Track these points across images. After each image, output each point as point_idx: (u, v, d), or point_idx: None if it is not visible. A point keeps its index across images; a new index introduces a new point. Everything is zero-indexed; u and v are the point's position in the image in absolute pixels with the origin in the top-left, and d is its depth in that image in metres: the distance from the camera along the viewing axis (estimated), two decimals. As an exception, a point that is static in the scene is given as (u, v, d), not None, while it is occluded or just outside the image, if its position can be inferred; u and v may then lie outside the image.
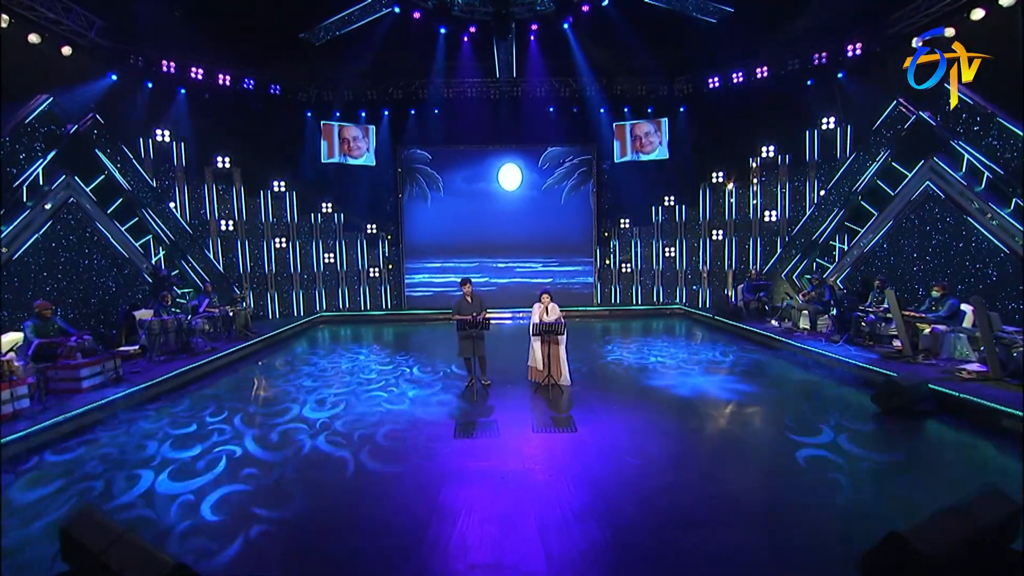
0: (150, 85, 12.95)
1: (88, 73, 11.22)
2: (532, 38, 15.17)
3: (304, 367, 9.43)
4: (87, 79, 11.17)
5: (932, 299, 7.90)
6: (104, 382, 7.03)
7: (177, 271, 12.10)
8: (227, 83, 14.38)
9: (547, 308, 7.70)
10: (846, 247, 11.41)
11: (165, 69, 13.23)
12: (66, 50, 10.39)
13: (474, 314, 7.33)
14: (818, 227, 12.21)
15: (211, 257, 13.46)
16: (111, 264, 10.40)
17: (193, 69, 13.72)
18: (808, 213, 12.88)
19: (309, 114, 15.73)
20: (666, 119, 15.86)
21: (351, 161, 15.96)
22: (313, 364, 9.68)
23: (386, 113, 16.14)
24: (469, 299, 7.72)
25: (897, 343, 8.31)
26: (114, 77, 12.07)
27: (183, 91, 13.57)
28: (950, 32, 10.25)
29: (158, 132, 12.85)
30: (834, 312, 9.90)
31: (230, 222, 14.17)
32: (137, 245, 11.12)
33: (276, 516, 4.10)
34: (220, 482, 4.70)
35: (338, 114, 15.79)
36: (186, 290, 12.18)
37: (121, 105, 12.07)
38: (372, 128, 16.05)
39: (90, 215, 9.95)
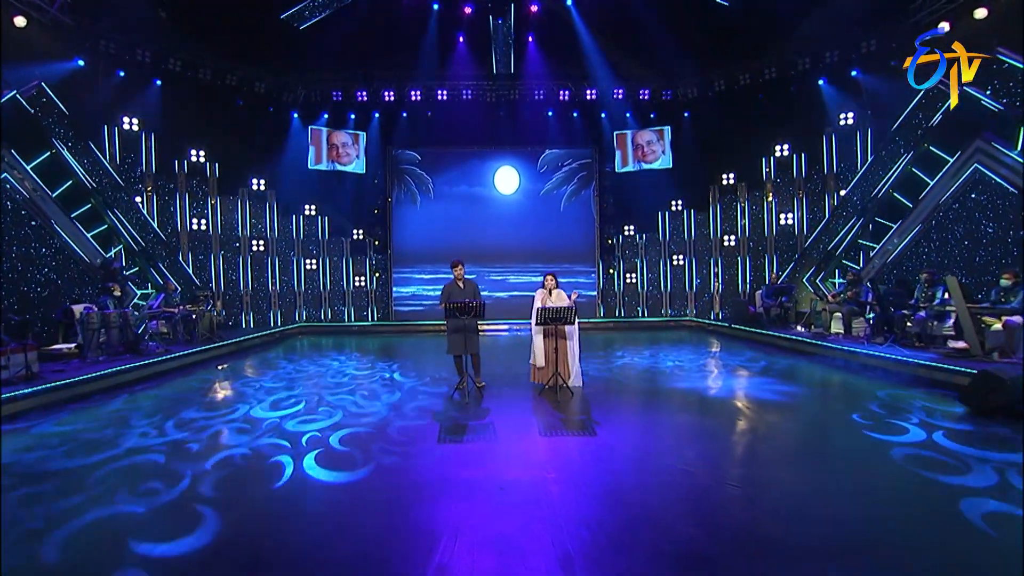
0: (121, 73, 12.01)
1: (48, 52, 10.24)
2: (531, 38, 14.55)
3: (269, 370, 8.13)
4: (46, 58, 10.18)
5: (1000, 289, 6.80)
6: (9, 379, 5.71)
7: (137, 267, 10.85)
8: (207, 77, 13.53)
9: (551, 293, 6.53)
10: (877, 245, 10.37)
11: (140, 57, 12.36)
12: (19, 21, 9.43)
13: (467, 300, 6.13)
14: (843, 226, 11.23)
15: (180, 260, 12.23)
16: (54, 254, 9.15)
17: (171, 60, 12.88)
18: (831, 212, 11.94)
19: (295, 115, 14.85)
20: (668, 127, 15.15)
21: (339, 168, 15.02)
22: (280, 367, 8.39)
23: (376, 115, 15.26)
24: (461, 284, 6.55)
25: (958, 343, 7.15)
26: (81, 63, 11.16)
27: (159, 82, 12.64)
28: (981, 13, 9.59)
29: (125, 120, 11.81)
30: (872, 314, 8.80)
31: (203, 221, 13.00)
32: (89, 236, 9.88)
33: (171, 551, 2.80)
34: (85, 510, 3.36)
35: (326, 116, 14.94)
36: (147, 291, 10.92)
37: (86, 90, 11.10)
38: (362, 134, 15.16)
39: (29, 196, 8.74)
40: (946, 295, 7.52)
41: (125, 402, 6.03)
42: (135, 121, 11.94)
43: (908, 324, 8.12)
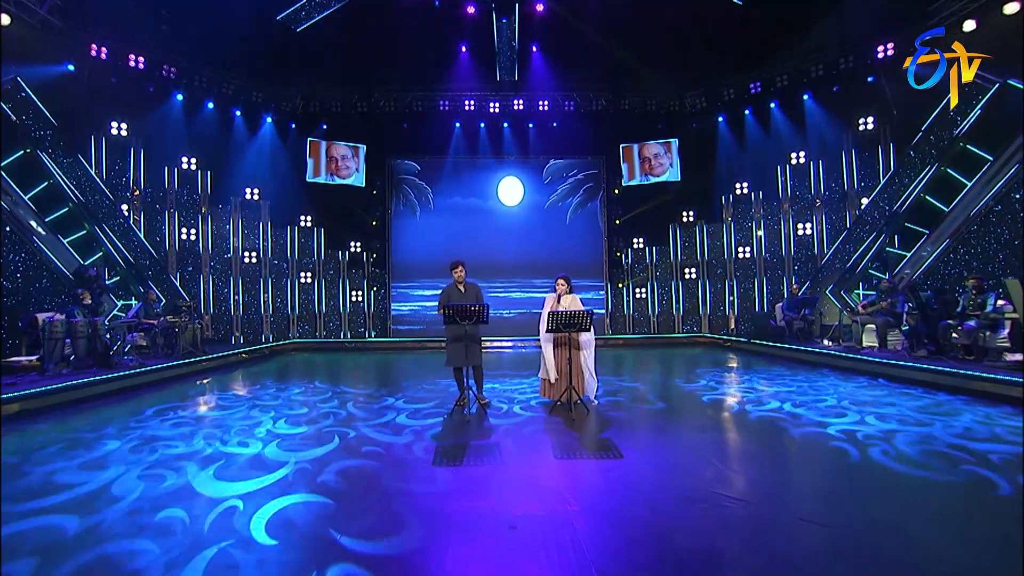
0: (113, 80, 11.62)
1: (36, 54, 9.84)
2: (535, 48, 14.25)
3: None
4: (33, 60, 9.77)
5: (1067, 293, 6.08)
6: (-55, 391, 4.99)
7: (118, 277, 10.20)
8: (203, 85, 13.17)
9: (560, 298, 5.83)
10: (908, 253, 9.69)
11: (133, 64, 12.01)
12: (3, 19, 9.03)
13: (466, 304, 5.42)
14: (869, 234, 10.59)
15: (168, 271, 11.60)
16: (25, 260, 8.51)
17: (166, 67, 12.53)
18: (854, 220, 11.30)
19: (293, 125, 14.45)
20: (676, 140, 14.70)
21: (338, 181, 14.54)
22: (266, 382, 7.64)
23: (376, 126, 14.82)
24: (461, 288, 5.86)
25: (1017, 355, 6.40)
26: (71, 67, 10.81)
27: (151, 89, 12.25)
28: (1012, 8, 9.14)
29: (113, 126, 11.35)
30: (907, 325, 8.05)
31: (192, 231, 12.41)
32: (66, 243, 9.27)
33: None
34: None
35: (324, 127, 14.53)
36: (129, 302, 10.26)
37: (74, 94, 10.69)
38: (362, 147, 14.71)
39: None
40: (999, 302, 6.80)
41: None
42: (123, 127, 11.47)
43: (954, 335, 7.38)
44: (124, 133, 11.47)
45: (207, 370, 8.99)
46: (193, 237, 12.40)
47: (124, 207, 11.19)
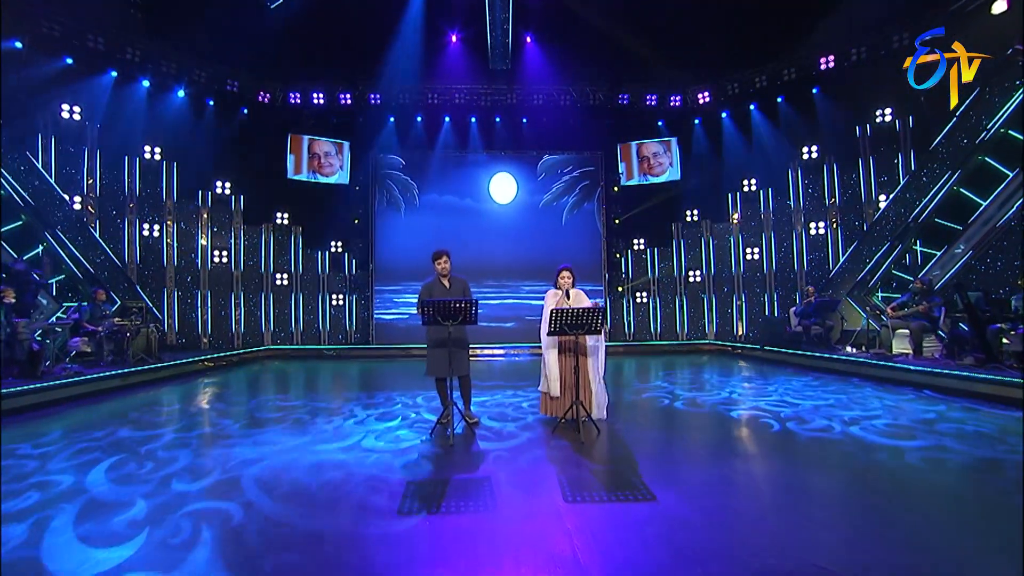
0: (68, 60, 10.60)
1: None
2: (529, 39, 13.46)
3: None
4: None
5: None
6: None
7: (63, 275, 9.09)
8: (172, 72, 12.16)
9: (567, 293, 4.88)
10: (938, 252, 8.87)
11: (91, 44, 10.99)
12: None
13: (452, 301, 4.45)
14: (892, 232, 9.79)
15: (127, 272, 10.48)
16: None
17: (129, 50, 11.52)
18: (876, 217, 10.50)
19: (272, 119, 13.46)
20: (675, 139, 13.95)
21: (321, 179, 13.55)
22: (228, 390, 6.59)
23: (361, 120, 13.87)
24: (446, 282, 4.90)
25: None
26: (18, 44, 9.81)
27: (114, 73, 11.23)
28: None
29: (64, 108, 10.30)
30: (944, 330, 7.21)
31: (155, 227, 11.32)
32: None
33: None
34: None
35: (306, 121, 13.57)
36: (78, 303, 9.15)
37: (21, 73, 9.68)
38: (347, 144, 13.74)
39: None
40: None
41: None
42: (75, 109, 10.42)
43: (1005, 340, 6.53)
44: (77, 117, 10.41)
45: (160, 380, 7.90)
46: (156, 233, 11.30)
47: (76, 199, 10.10)
